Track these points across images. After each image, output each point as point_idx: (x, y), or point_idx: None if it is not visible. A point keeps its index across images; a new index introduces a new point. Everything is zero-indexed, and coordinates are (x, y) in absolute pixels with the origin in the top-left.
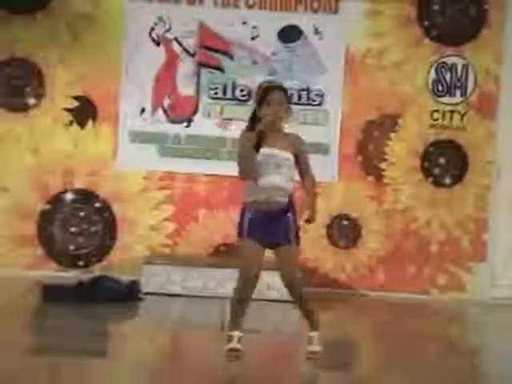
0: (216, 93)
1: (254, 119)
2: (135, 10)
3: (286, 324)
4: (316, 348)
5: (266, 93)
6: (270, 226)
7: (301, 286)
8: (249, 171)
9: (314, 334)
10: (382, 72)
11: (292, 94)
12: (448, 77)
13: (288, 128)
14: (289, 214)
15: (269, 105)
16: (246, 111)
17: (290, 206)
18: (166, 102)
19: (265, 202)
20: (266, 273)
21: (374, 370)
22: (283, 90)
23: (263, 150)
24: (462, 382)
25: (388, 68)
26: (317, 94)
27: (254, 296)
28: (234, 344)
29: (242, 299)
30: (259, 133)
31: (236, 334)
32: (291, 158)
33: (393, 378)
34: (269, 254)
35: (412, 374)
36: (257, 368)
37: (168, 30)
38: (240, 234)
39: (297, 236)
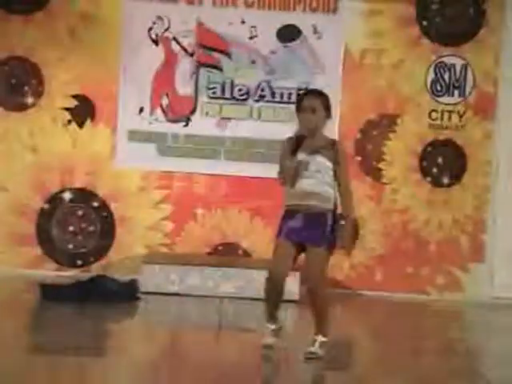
0: (214, 92)
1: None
2: (134, 9)
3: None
4: (314, 349)
5: (300, 100)
6: (304, 226)
7: (322, 292)
8: (286, 177)
9: (315, 337)
10: (380, 72)
11: (291, 94)
12: (447, 77)
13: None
14: (327, 219)
15: (302, 112)
16: (244, 110)
17: (331, 212)
18: (165, 102)
19: (297, 207)
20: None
21: (373, 371)
22: (318, 96)
23: (304, 155)
24: (459, 382)
25: (386, 68)
26: None
27: (257, 296)
28: (267, 340)
29: (269, 298)
30: (297, 138)
31: (270, 327)
32: (326, 162)
33: (392, 379)
34: None
35: (411, 374)
36: (257, 368)
37: (167, 30)
38: (276, 235)
39: (330, 243)
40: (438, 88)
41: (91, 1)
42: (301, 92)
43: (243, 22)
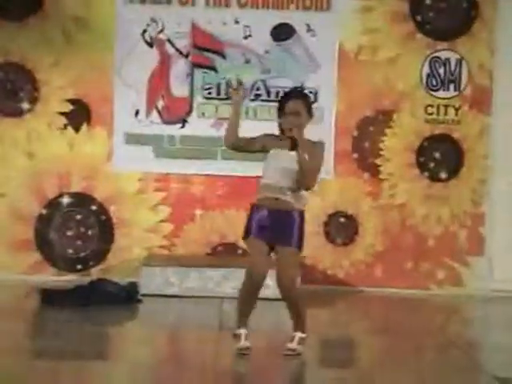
0: (210, 93)
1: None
2: (127, 12)
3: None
4: (294, 346)
5: (283, 103)
6: (276, 224)
7: (295, 290)
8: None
9: (294, 333)
10: (375, 68)
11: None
12: (442, 71)
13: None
14: (296, 217)
15: (286, 115)
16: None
17: (299, 212)
18: (160, 104)
19: (273, 201)
20: None
21: (375, 367)
22: (301, 97)
23: (280, 151)
24: (461, 376)
25: (381, 64)
26: (311, 92)
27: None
28: (243, 343)
29: (248, 298)
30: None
31: (243, 331)
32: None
33: (394, 374)
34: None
35: (412, 368)
36: (257, 367)
37: (161, 32)
38: (246, 234)
39: (300, 241)
40: (434, 83)
41: (85, 4)
42: (282, 94)
43: (237, 22)
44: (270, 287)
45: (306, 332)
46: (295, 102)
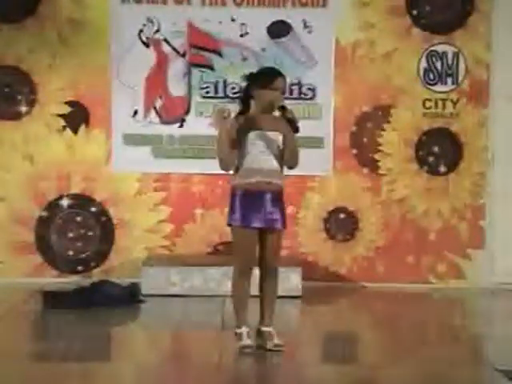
0: (208, 92)
1: (246, 101)
2: (123, 12)
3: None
4: (280, 341)
5: (271, 78)
6: (269, 207)
7: (278, 274)
8: (226, 161)
9: (270, 329)
10: (372, 63)
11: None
12: (439, 65)
13: None
14: (280, 198)
15: (272, 89)
16: (238, 109)
17: (282, 191)
18: (158, 104)
19: (257, 183)
20: None
21: (378, 361)
22: (283, 76)
23: (255, 133)
24: (464, 369)
25: (378, 59)
26: (308, 88)
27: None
28: (246, 341)
29: (240, 294)
30: (246, 118)
31: (244, 330)
32: (281, 138)
33: (397, 368)
34: None
35: (415, 362)
36: (260, 365)
37: (157, 31)
38: (230, 221)
39: (284, 220)
40: (431, 77)
41: (80, 6)
42: (261, 69)
43: (233, 20)
44: None
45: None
46: (283, 80)
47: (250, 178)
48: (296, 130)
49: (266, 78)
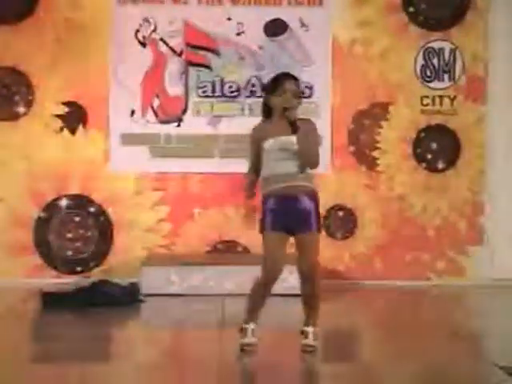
0: (205, 91)
1: (267, 110)
2: (120, 12)
3: (284, 318)
4: (312, 342)
5: (281, 83)
6: (292, 211)
7: (318, 278)
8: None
9: (310, 329)
10: (369, 61)
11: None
12: (436, 62)
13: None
14: (311, 201)
15: (283, 94)
16: (235, 107)
17: (313, 193)
18: (156, 103)
19: (283, 189)
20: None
21: (378, 359)
22: (296, 79)
23: (269, 140)
24: (464, 365)
25: (375, 56)
26: (306, 87)
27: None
28: (248, 339)
29: (261, 293)
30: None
31: (250, 326)
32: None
33: (398, 365)
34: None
35: (415, 359)
36: (260, 363)
37: (154, 31)
38: (262, 228)
39: (319, 223)
40: (428, 73)
41: (77, 7)
42: (276, 76)
43: (229, 19)
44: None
45: (317, 326)
46: (295, 83)
47: (273, 185)
48: (295, 130)
49: (273, 84)
